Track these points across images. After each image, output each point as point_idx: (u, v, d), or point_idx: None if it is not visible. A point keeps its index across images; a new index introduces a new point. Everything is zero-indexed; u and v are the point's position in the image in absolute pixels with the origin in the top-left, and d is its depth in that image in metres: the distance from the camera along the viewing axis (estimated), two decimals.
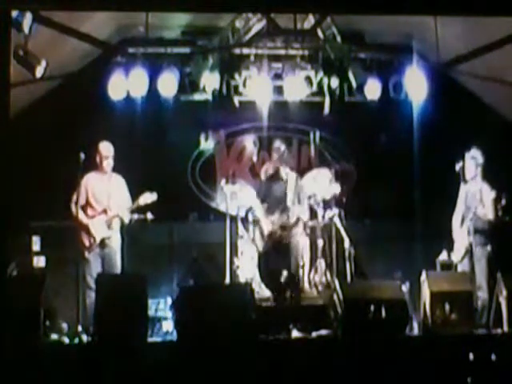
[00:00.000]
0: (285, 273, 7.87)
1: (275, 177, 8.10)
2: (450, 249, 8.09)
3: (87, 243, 7.65)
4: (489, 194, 7.84)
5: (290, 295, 7.69)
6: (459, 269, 7.92)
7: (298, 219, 7.98)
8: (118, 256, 7.77)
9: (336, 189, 8.92)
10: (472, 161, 7.99)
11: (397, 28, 9.32)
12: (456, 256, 7.97)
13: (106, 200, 7.79)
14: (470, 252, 7.82)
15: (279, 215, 7.93)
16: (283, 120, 10.08)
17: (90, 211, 7.73)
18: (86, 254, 7.62)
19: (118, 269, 7.73)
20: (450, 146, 8.53)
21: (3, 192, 5.92)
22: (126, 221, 7.82)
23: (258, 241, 8.01)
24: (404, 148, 9.42)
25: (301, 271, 8.63)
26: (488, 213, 7.80)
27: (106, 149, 7.86)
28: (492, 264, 7.73)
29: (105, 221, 7.73)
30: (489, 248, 7.77)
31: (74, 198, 7.69)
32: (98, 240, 7.66)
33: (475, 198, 7.88)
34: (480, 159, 7.99)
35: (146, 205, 7.80)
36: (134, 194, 7.87)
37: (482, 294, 7.54)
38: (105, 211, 7.76)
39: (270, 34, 9.40)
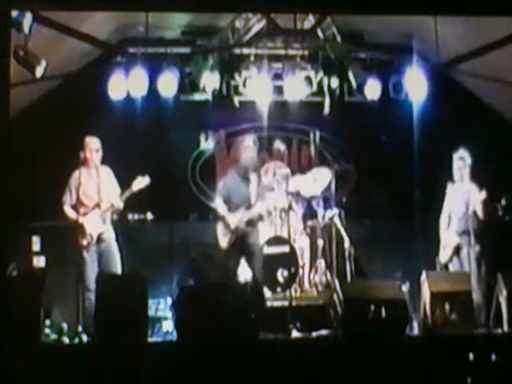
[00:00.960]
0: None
1: (242, 176, 8.10)
2: (438, 249, 8.08)
3: (84, 242, 7.60)
4: (478, 195, 7.83)
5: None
6: (450, 269, 7.92)
7: (260, 216, 7.98)
8: (116, 250, 7.71)
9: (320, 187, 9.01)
10: (460, 161, 8.00)
11: (397, 28, 9.32)
12: (444, 256, 7.97)
13: (97, 194, 7.72)
14: (459, 252, 7.83)
15: (244, 211, 7.92)
16: (283, 120, 10.08)
17: (82, 209, 7.66)
18: (84, 253, 7.59)
19: (117, 263, 7.66)
20: (449, 145, 8.51)
21: (3, 192, 5.92)
22: (121, 208, 7.74)
23: (221, 237, 7.98)
24: (404, 148, 9.42)
25: (301, 271, 8.66)
26: (477, 212, 7.79)
27: (94, 142, 7.82)
28: (481, 264, 7.73)
29: (99, 215, 7.69)
30: (478, 248, 7.77)
31: (65, 198, 7.68)
32: (95, 237, 7.64)
33: (463, 198, 7.87)
34: (468, 160, 7.99)
35: (139, 190, 7.72)
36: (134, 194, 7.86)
37: (474, 295, 7.51)
38: (98, 205, 7.71)
39: (270, 34, 9.41)
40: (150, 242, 9.02)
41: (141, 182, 7.74)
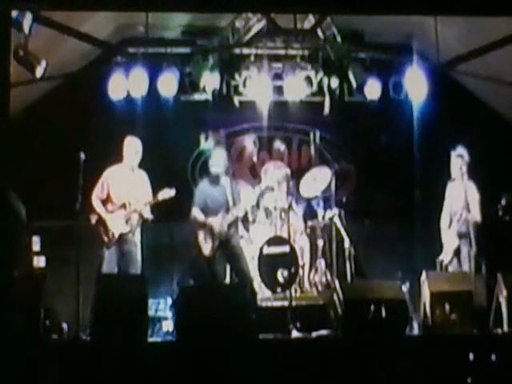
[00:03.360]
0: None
1: (215, 183, 8.10)
2: (440, 250, 8.06)
3: (106, 239, 7.62)
4: (475, 194, 7.83)
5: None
6: (450, 270, 7.91)
7: (236, 218, 7.99)
8: (138, 254, 7.75)
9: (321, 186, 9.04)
10: (458, 159, 7.97)
11: (397, 28, 9.33)
12: (445, 257, 7.96)
13: (127, 195, 7.74)
14: (459, 254, 7.82)
15: (224, 214, 7.91)
16: (283, 120, 10.09)
17: (109, 206, 7.72)
18: (104, 250, 7.60)
19: (138, 264, 7.71)
20: (449, 145, 8.52)
21: (3, 192, 5.92)
22: (146, 215, 7.77)
23: (203, 245, 7.91)
24: (404, 148, 9.42)
25: (301, 271, 8.66)
26: (474, 213, 7.78)
27: (134, 143, 7.87)
28: (481, 264, 7.72)
29: (123, 216, 7.70)
30: (477, 248, 7.75)
31: (96, 191, 7.69)
32: (116, 235, 7.64)
33: (461, 197, 7.86)
34: (466, 158, 7.96)
35: (163, 200, 7.79)
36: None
37: (474, 295, 7.49)
38: (124, 206, 7.71)
39: (270, 34, 9.41)
40: (150, 242, 9.01)
41: (166, 193, 7.79)
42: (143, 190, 7.87)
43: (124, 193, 7.76)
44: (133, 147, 7.85)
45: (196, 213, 7.95)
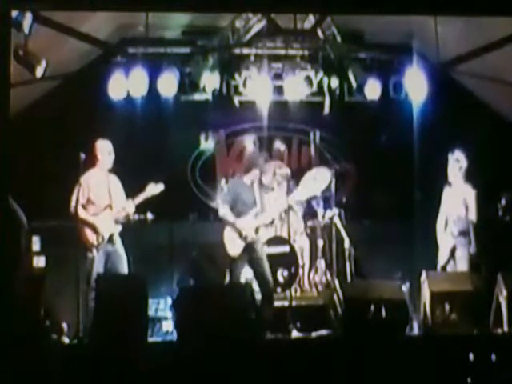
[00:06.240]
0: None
1: (241, 182, 8.08)
2: (436, 252, 8.06)
3: (95, 242, 7.59)
4: (472, 196, 7.83)
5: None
6: (448, 270, 7.91)
7: (263, 223, 7.92)
8: (123, 252, 7.72)
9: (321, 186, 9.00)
10: (455, 163, 7.99)
11: (397, 28, 9.32)
12: (442, 259, 7.94)
13: (108, 196, 7.73)
14: (455, 254, 7.82)
15: (253, 217, 7.85)
16: (283, 120, 10.09)
17: (92, 209, 7.68)
18: (94, 252, 7.59)
19: (124, 265, 7.68)
20: (449, 145, 8.52)
21: (3, 192, 5.92)
22: (132, 211, 7.75)
23: (229, 244, 7.80)
24: (404, 148, 9.41)
25: (301, 271, 8.66)
26: (471, 214, 7.77)
27: (105, 146, 7.85)
28: (479, 264, 7.72)
29: (111, 216, 7.69)
30: (476, 249, 7.75)
31: (75, 197, 7.67)
32: (106, 237, 7.64)
33: (458, 199, 7.86)
34: (463, 162, 7.98)
35: (153, 196, 7.76)
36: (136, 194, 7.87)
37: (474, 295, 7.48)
38: (109, 206, 7.72)
39: (270, 34, 9.41)
40: (150, 242, 9.02)
41: (155, 188, 7.76)
42: (120, 192, 7.88)
43: (105, 194, 7.74)
44: (105, 149, 7.83)
45: (225, 212, 7.87)
